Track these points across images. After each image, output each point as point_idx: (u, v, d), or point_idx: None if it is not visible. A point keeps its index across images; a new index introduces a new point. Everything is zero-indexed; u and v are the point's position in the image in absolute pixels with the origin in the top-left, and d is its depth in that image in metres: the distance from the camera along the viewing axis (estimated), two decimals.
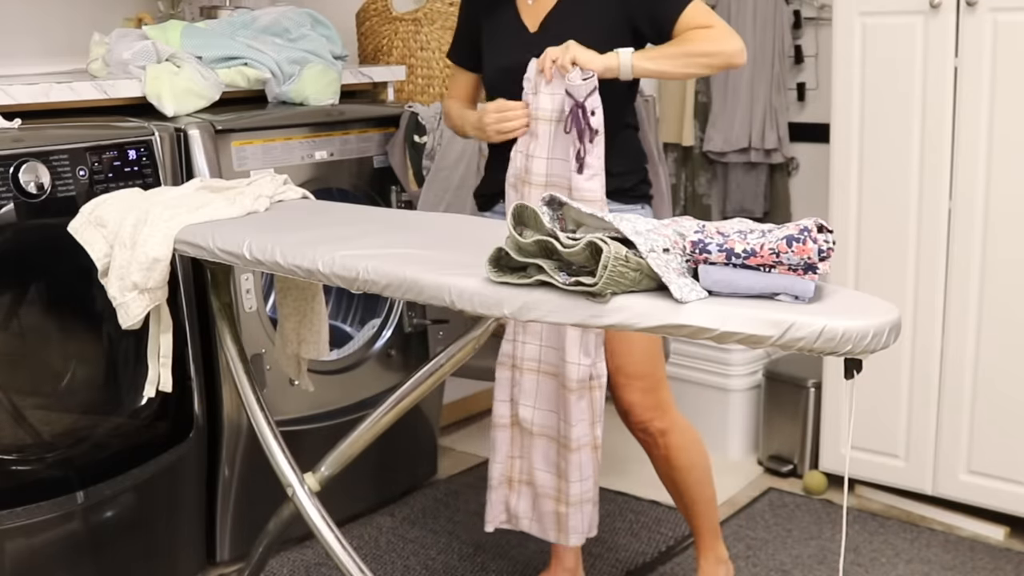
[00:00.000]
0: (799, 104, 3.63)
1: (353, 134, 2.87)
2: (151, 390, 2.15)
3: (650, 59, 2.19)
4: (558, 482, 2.35)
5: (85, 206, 2.10)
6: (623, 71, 2.17)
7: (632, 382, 2.36)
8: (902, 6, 2.80)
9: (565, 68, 2.13)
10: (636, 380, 2.35)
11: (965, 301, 2.81)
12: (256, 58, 2.72)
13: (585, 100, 2.12)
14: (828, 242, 1.36)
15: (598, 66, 2.14)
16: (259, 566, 2.29)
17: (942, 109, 2.77)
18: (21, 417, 2.33)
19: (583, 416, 2.28)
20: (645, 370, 2.36)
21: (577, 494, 2.33)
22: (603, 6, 2.26)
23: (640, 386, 2.36)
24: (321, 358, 2.42)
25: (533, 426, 2.34)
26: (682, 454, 2.41)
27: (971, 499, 2.88)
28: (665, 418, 2.38)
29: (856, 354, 1.33)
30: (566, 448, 2.30)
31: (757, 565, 2.74)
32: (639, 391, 2.36)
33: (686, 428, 2.43)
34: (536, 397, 2.33)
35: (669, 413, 2.39)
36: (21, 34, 2.88)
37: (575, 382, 2.25)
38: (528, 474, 2.39)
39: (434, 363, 1.96)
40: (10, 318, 2.38)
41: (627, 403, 2.38)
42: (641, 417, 2.38)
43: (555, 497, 2.36)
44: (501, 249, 1.48)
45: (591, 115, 2.13)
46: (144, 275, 1.94)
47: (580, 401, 2.26)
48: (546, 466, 2.36)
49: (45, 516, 2.26)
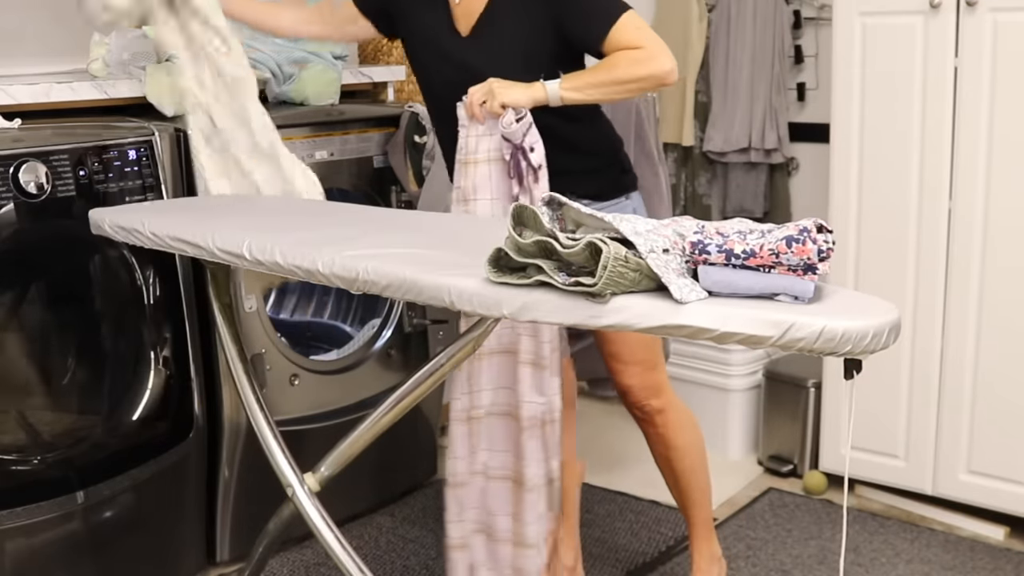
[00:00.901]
0: (799, 104, 3.63)
1: (353, 134, 2.87)
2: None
3: (577, 89, 2.12)
4: (514, 524, 2.32)
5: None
6: (552, 100, 2.12)
7: (628, 367, 2.37)
8: (902, 6, 2.80)
9: (496, 112, 2.10)
10: (632, 366, 2.37)
11: (965, 301, 2.81)
12: (256, 58, 2.72)
13: (523, 141, 2.10)
14: (828, 242, 1.36)
15: (526, 102, 2.10)
16: (259, 566, 2.29)
17: (942, 109, 2.77)
18: (21, 417, 2.33)
19: (537, 455, 2.26)
20: (640, 356, 2.37)
21: (533, 536, 2.29)
22: (530, 13, 2.19)
23: (636, 371, 2.38)
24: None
25: (490, 470, 2.31)
26: (679, 433, 2.44)
27: (971, 499, 2.88)
28: (662, 397, 2.41)
29: (856, 354, 1.33)
30: (520, 486, 2.28)
31: (757, 565, 2.74)
32: (636, 375, 2.38)
33: (682, 409, 2.46)
34: (492, 440, 2.30)
35: (665, 393, 2.42)
36: (21, 34, 2.88)
37: (527, 419, 2.23)
38: (484, 523, 2.35)
39: (434, 363, 1.95)
40: (10, 318, 2.38)
41: (624, 386, 2.40)
42: (638, 397, 2.40)
43: (511, 540, 2.33)
44: (501, 249, 1.48)
45: (531, 153, 2.11)
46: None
47: (531, 440, 2.24)
48: (504, 509, 2.32)
49: (45, 516, 2.26)
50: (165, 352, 2.48)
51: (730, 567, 2.72)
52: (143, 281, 2.44)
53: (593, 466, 3.38)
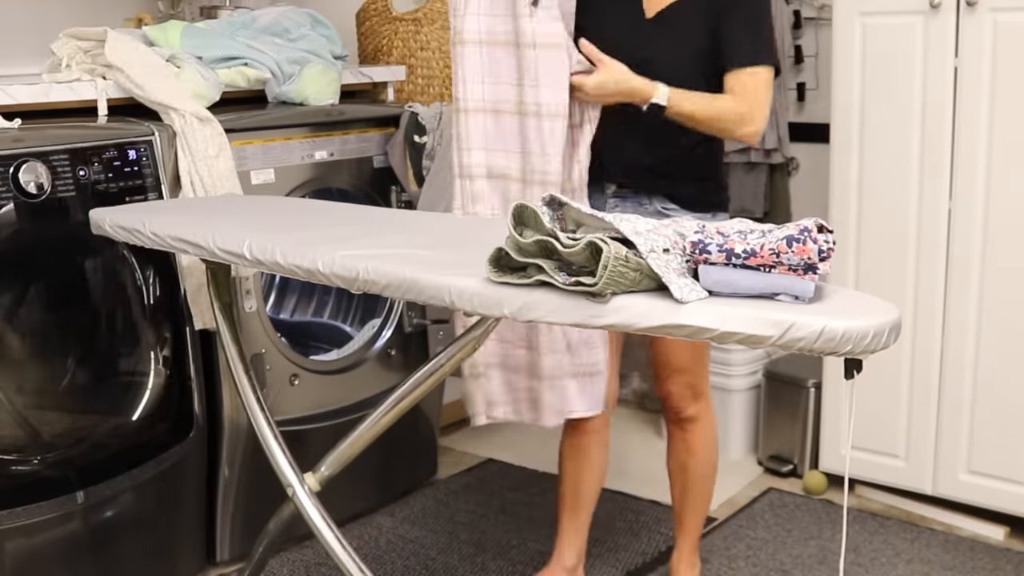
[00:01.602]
0: (799, 104, 3.63)
1: (353, 134, 2.87)
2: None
3: (687, 100, 2.15)
4: (530, 355, 2.31)
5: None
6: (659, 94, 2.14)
7: (674, 375, 2.42)
8: (902, 6, 2.80)
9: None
10: (678, 374, 2.41)
11: (965, 301, 2.81)
12: (256, 58, 2.72)
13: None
14: (828, 242, 1.36)
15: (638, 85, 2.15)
16: (259, 566, 2.29)
17: (942, 109, 2.77)
18: (21, 417, 2.33)
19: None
20: (687, 365, 2.41)
21: (549, 367, 2.30)
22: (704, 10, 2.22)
23: (681, 380, 2.42)
24: None
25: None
26: (702, 443, 2.49)
27: (971, 499, 2.88)
28: (699, 404, 2.46)
29: (856, 354, 1.33)
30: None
31: (757, 565, 2.74)
32: (679, 384, 2.42)
33: (713, 419, 2.51)
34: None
35: (703, 400, 2.46)
36: (21, 34, 2.88)
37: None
38: (500, 354, 2.35)
39: (434, 363, 1.95)
40: (10, 318, 2.38)
41: (666, 391, 2.45)
42: (676, 402, 2.45)
43: (527, 372, 2.33)
44: (501, 249, 1.48)
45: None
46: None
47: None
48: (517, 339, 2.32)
49: (45, 516, 2.26)
50: (165, 352, 2.48)
51: (730, 567, 2.72)
52: (143, 281, 2.44)
53: None
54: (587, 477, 2.51)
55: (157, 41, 2.65)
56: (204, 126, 2.47)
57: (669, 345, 2.38)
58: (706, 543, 2.84)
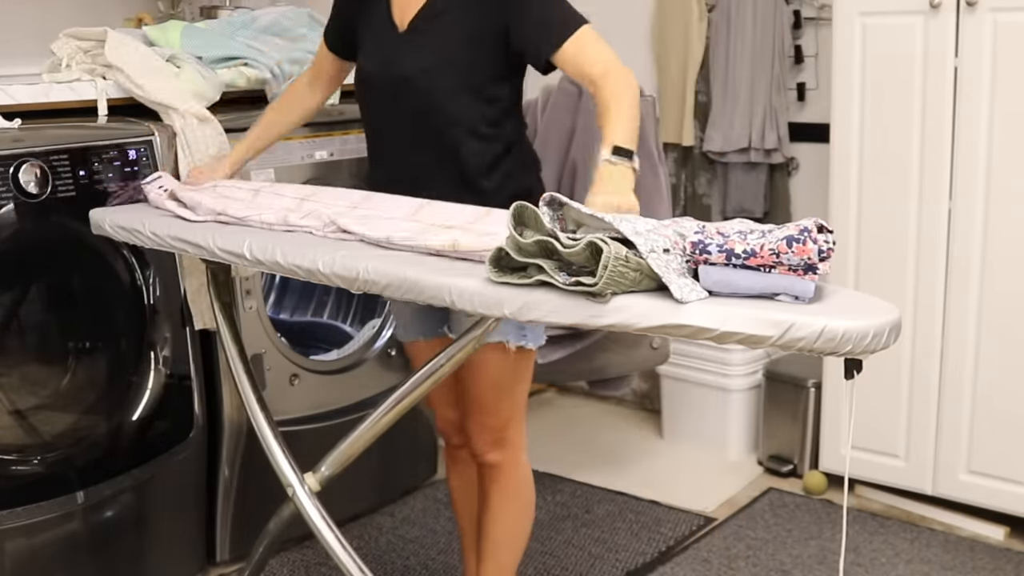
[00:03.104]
0: (799, 104, 3.62)
1: (353, 134, 2.86)
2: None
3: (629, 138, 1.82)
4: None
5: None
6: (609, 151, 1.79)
7: (473, 412, 2.18)
8: (902, 6, 2.80)
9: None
10: (478, 412, 2.18)
11: (965, 301, 2.81)
12: (256, 58, 2.72)
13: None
14: (828, 242, 1.36)
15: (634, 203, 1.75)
16: (259, 566, 2.29)
17: (942, 109, 2.77)
18: (21, 417, 2.33)
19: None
20: (488, 404, 2.16)
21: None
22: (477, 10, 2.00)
23: (479, 419, 2.18)
24: None
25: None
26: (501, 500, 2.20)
27: (971, 499, 2.88)
28: (502, 454, 2.18)
29: (856, 354, 1.33)
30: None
31: (757, 565, 2.74)
32: (476, 423, 2.19)
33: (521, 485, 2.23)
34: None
35: (509, 450, 2.19)
36: (21, 34, 2.88)
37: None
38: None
39: (434, 363, 1.95)
40: (10, 318, 2.38)
41: (468, 431, 2.22)
42: (474, 445, 2.21)
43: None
44: (501, 249, 1.48)
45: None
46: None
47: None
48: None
49: (45, 516, 2.26)
50: (165, 352, 2.48)
51: (730, 567, 2.72)
52: (143, 281, 2.44)
53: (593, 466, 3.39)
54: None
55: (157, 41, 2.65)
56: (204, 126, 2.47)
57: (472, 377, 2.13)
58: (706, 543, 2.85)
